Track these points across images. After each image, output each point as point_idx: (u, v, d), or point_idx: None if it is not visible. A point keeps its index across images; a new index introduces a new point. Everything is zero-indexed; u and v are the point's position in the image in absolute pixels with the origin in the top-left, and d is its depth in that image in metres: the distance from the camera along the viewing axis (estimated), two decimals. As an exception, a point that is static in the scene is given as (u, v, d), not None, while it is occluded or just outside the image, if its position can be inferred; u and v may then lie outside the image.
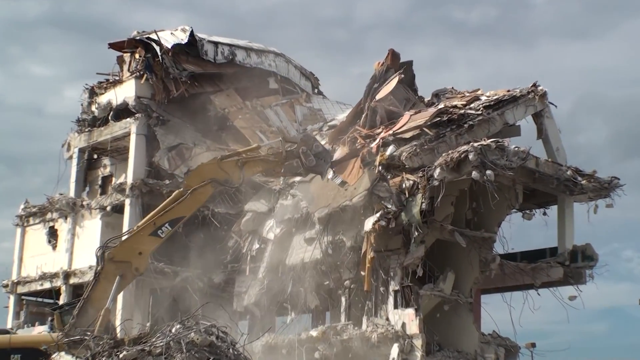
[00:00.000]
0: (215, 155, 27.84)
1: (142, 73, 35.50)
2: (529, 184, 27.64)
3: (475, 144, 25.63)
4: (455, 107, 28.96)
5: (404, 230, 26.25)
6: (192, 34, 36.63)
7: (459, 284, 27.37)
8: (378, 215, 25.98)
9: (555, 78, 73.00)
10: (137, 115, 34.27)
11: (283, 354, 28.14)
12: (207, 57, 37.06)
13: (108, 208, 34.01)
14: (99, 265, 22.26)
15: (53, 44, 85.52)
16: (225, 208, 32.22)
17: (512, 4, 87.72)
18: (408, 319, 25.66)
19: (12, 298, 36.91)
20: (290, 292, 29.01)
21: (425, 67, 77.17)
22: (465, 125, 27.90)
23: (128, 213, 32.88)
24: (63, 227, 35.61)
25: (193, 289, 31.07)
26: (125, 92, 35.24)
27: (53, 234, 36.14)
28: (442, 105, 29.48)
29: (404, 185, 26.27)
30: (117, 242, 22.80)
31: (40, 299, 36.82)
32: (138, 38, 36.47)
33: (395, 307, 26.18)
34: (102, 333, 20.49)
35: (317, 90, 42.03)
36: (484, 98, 29.60)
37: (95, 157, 37.42)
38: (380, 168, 26.97)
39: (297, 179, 30.08)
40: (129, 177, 33.52)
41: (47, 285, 35.33)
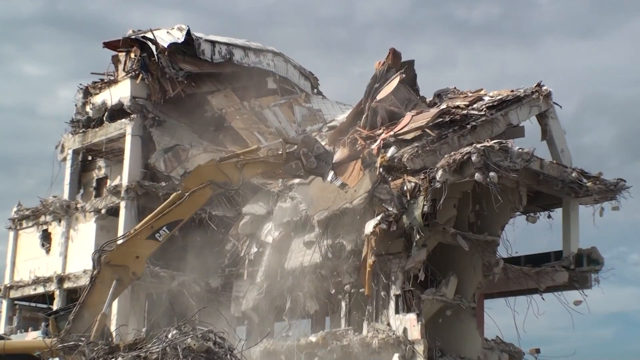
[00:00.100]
0: (213, 157, 27.88)
1: (137, 73, 35.53)
2: (533, 186, 27.68)
3: (478, 146, 25.67)
4: (458, 107, 29.00)
5: (406, 234, 26.30)
6: (188, 33, 36.66)
7: (462, 289, 27.43)
8: (379, 218, 26.01)
9: (560, 78, 72.97)
10: (132, 116, 34.28)
11: (282, 360, 28.22)
12: (204, 56, 37.08)
13: (103, 211, 34.03)
14: (95, 270, 22.27)
15: (47, 43, 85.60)
16: (223, 211, 32.27)
17: (515, 2, 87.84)
18: (410, 325, 25.69)
19: (4, 303, 36.90)
20: (289, 296, 29.04)
21: (427, 66, 77.17)
22: (468, 126, 27.93)
23: (123, 216, 32.89)
24: (57, 230, 35.61)
25: (190, 294, 31.11)
26: (121, 92, 35.25)
27: (46, 238, 36.14)
28: (444, 106, 29.52)
29: (406, 188, 26.30)
30: (113, 245, 22.82)
31: (34, 304, 36.79)
32: (133, 37, 36.50)
33: (397, 312, 26.21)
34: (98, 339, 20.51)
35: (316, 91, 42.05)
36: (487, 98, 29.66)
37: (90, 158, 37.40)
38: (381, 170, 27.01)
39: (296, 181, 30.09)
40: (124, 179, 33.53)
41: (40, 290, 35.35)
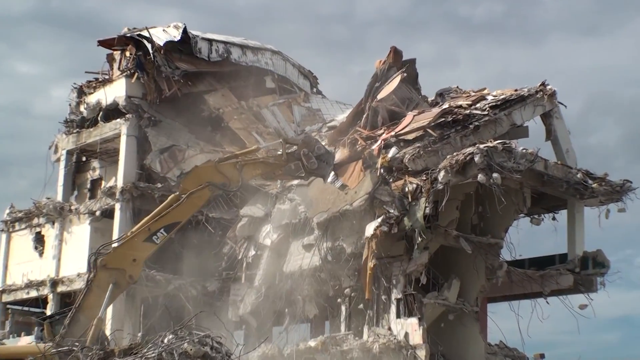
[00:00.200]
0: (210, 158, 27.92)
1: (133, 72, 35.54)
2: (538, 188, 27.71)
3: (482, 146, 25.69)
4: (461, 107, 29.03)
5: (407, 236, 26.31)
6: (185, 31, 36.67)
7: (465, 292, 27.44)
8: (380, 221, 26.02)
9: (565, 77, 73.04)
10: (127, 116, 34.30)
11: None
12: (201, 55, 37.10)
13: (97, 213, 34.05)
14: (91, 273, 22.29)
15: (40, 41, 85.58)
16: (220, 213, 32.26)
17: (519, 0, 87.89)
18: (411, 329, 25.70)
19: (-3, 307, 36.99)
20: (288, 300, 29.05)
21: (429, 65, 77.24)
22: (471, 126, 27.96)
23: (118, 218, 32.91)
24: (50, 232, 35.62)
25: (186, 298, 31.10)
26: (116, 91, 35.27)
27: (40, 240, 36.15)
28: (446, 105, 29.55)
29: (407, 189, 26.31)
30: (110, 248, 22.83)
31: (27, 308, 36.84)
32: (129, 35, 36.51)
33: (398, 316, 26.22)
34: (94, 343, 20.52)
35: (315, 90, 42.07)
36: (491, 98, 29.68)
37: (84, 159, 37.42)
38: (382, 171, 27.02)
39: (295, 183, 30.10)
40: (119, 180, 33.54)
41: (33, 294, 35.33)
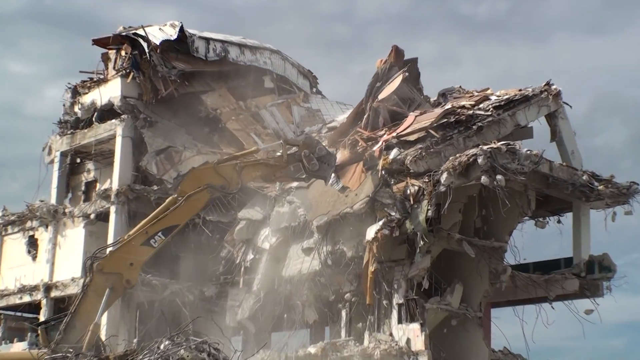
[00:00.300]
0: (207, 159, 27.90)
1: (128, 71, 35.53)
2: (542, 190, 27.69)
3: (485, 147, 25.67)
4: (463, 107, 29.02)
5: (409, 240, 26.29)
6: (182, 30, 36.68)
7: (468, 297, 27.41)
8: (381, 224, 26.01)
9: (570, 76, 72.91)
10: (123, 117, 34.29)
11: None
12: (198, 54, 37.11)
13: (92, 216, 34.01)
14: (88, 277, 22.26)
15: (33, 40, 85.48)
16: (218, 215, 32.21)
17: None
18: (413, 335, 25.67)
19: (-11, 312, 36.95)
20: (287, 305, 29.02)
21: (431, 64, 77.34)
22: (474, 127, 27.94)
23: (113, 221, 32.88)
24: (44, 236, 35.59)
25: (183, 303, 31.08)
26: (111, 91, 35.26)
27: (33, 244, 36.13)
28: (449, 106, 29.54)
29: (409, 191, 26.29)
30: (106, 252, 22.81)
31: (19, 314, 36.77)
32: (124, 34, 36.52)
33: (400, 321, 26.19)
34: (90, 350, 20.50)
35: (315, 90, 42.09)
36: (494, 98, 29.67)
37: (79, 161, 37.41)
38: (383, 173, 27.01)
39: (294, 185, 30.09)
40: (115, 182, 33.52)
41: (26, 299, 35.30)
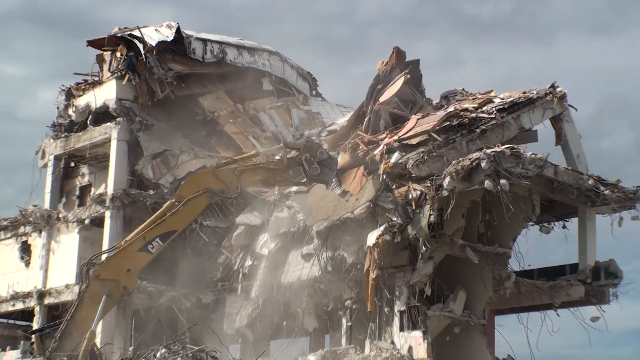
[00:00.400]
0: (204, 163, 27.88)
1: (123, 73, 35.53)
2: (547, 195, 27.64)
3: (488, 151, 25.63)
4: (466, 110, 29.00)
5: (411, 245, 26.24)
6: (178, 31, 36.68)
7: (471, 304, 27.37)
8: (382, 229, 25.95)
9: (576, 78, 73.09)
10: (118, 120, 34.27)
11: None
12: (195, 55, 37.11)
13: (86, 221, 34.01)
14: (84, 284, 22.22)
15: (26, 41, 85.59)
16: (215, 221, 32.18)
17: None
18: (415, 342, 25.62)
19: (-19, 320, 36.90)
20: (286, 313, 28.98)
21: (434, 66, 77.30)
22: (477, 130, 27.92)
23: (108, 226, 32.85)
24: (37, 242, 35.59)
25: (180, 310, 31.04)
26: (106, 94, 35.25)
27: (26, 250, 36.13)
28: (451, 108, 29.52)
29: (411, 196, 26.25)
30: (103, 258, 22.78)
31: (12, 321, 36.76)
32: (119, 35, 36.52)
33: (401, 329, 26.14)
34: (86, 358, 20.47)
35: (315, 92, 42.11)
36: (498, 100, 29.67)
37: (73, 165, 37.39)
38: (385, 177, 26.97)
39: (293, 189, 30.05)
40: (110, 187, 33.50)
41: (19, 306, 35.32)
